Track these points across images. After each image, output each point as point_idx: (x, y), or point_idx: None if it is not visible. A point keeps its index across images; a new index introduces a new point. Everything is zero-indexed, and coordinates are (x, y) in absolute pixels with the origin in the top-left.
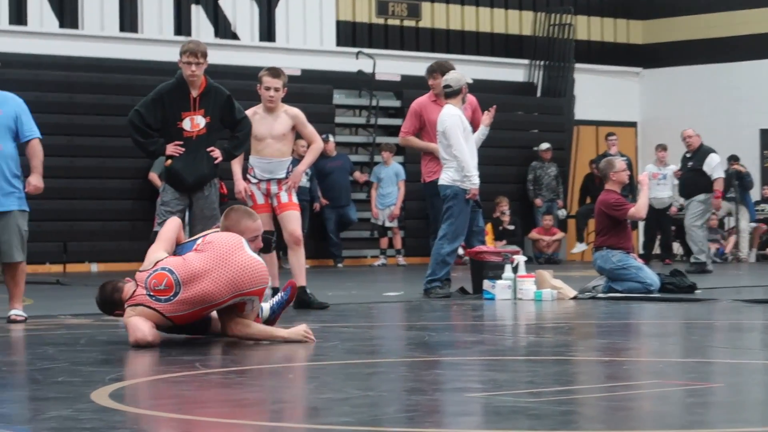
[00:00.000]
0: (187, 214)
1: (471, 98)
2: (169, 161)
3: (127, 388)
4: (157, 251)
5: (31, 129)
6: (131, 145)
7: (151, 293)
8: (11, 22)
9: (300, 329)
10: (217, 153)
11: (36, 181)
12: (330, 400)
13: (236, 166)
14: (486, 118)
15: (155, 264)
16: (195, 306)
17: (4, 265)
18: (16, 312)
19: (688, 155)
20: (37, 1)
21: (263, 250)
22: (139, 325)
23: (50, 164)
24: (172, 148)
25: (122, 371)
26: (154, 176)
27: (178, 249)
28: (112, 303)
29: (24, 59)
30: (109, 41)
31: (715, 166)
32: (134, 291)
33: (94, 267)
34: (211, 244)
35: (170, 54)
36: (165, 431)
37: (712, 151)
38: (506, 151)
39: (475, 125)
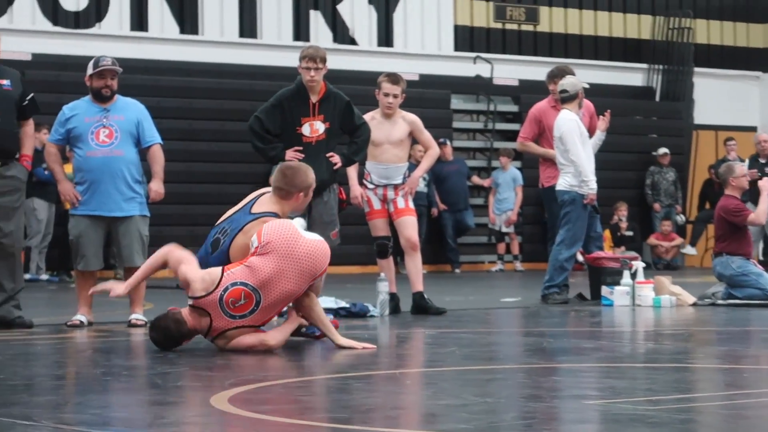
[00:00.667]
0: (306, 219)
1: (588, 104)
2: None
3: (246, 393)
4: (197, 271)
5: (152, 134)
6: (251, 150)
7: (232, 313)
8: (132, 28)
9: (354, 343)
10: (336, 158)
11: (157, 186)
12: (447, 406)
13: (352, 171)
14: (601, 123)
15: (217, 285)
16: (279, 306)
17: (125, 269)
18: (137, 316)
19: (762, 161)
20: (158, 8)
21: (380, 256)
22: (260, 339)
23: (170, 169)
24: (291, 154)
25: (241, 376)
26: None
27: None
28: (181, 336)
29: (145, 65)
30: (228, 47)
31: None
32: (210, 323)
33: None
34: (271, 244)
35: (289, 59)
36: None
37: None
38: (624, 155)
39: (591, 131)
